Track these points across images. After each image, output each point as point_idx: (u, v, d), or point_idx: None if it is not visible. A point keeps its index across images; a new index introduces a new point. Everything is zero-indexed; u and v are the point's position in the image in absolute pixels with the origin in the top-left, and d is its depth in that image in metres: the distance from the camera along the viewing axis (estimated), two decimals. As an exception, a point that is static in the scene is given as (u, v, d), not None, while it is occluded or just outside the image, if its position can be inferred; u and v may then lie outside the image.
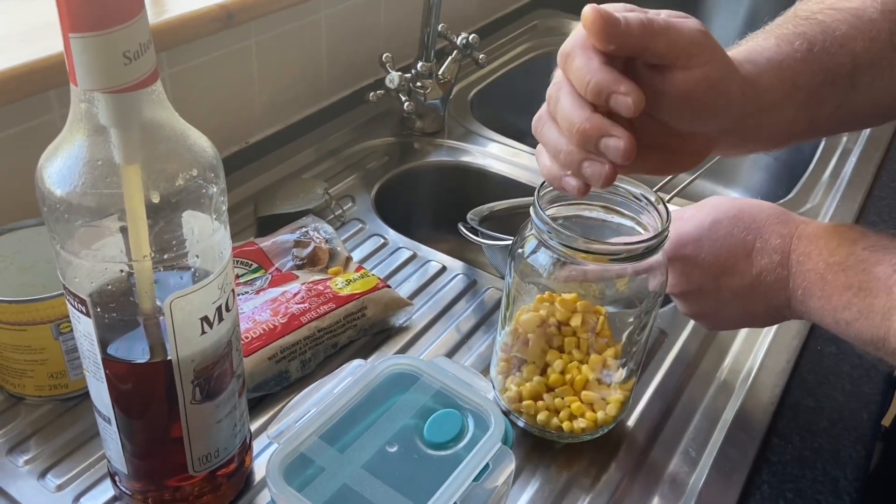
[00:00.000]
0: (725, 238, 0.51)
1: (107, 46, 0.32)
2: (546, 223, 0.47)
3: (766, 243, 0.50)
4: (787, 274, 0.49)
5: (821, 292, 0.47)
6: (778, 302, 0.50)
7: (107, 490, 0.48)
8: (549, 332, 0.51)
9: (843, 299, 0.46)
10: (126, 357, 0.40)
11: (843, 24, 0.49)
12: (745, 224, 0.51)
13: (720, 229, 0.51)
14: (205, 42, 0.74)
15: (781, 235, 0.50)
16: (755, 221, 0.51)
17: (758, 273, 0.50)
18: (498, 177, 0.86)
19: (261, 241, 0.67)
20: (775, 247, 0.49)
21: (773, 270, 0.49)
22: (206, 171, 0.37)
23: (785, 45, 0.48)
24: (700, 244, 0.52)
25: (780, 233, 0.50)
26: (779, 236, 0.50)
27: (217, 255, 0.39)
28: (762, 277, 0.50)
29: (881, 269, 0.44)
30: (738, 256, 0.51)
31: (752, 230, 0.51)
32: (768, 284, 0.50)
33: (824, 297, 0.47)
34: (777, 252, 0.49)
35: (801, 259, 0.48)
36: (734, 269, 0.51)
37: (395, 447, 0.44)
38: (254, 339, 0.55)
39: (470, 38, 0.89)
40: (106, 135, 0.34)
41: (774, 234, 0.50)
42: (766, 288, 0.50)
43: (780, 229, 0.50)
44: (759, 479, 0.52)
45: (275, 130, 0.87)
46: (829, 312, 0.47)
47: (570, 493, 0.50)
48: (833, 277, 0.46)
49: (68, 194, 0.35)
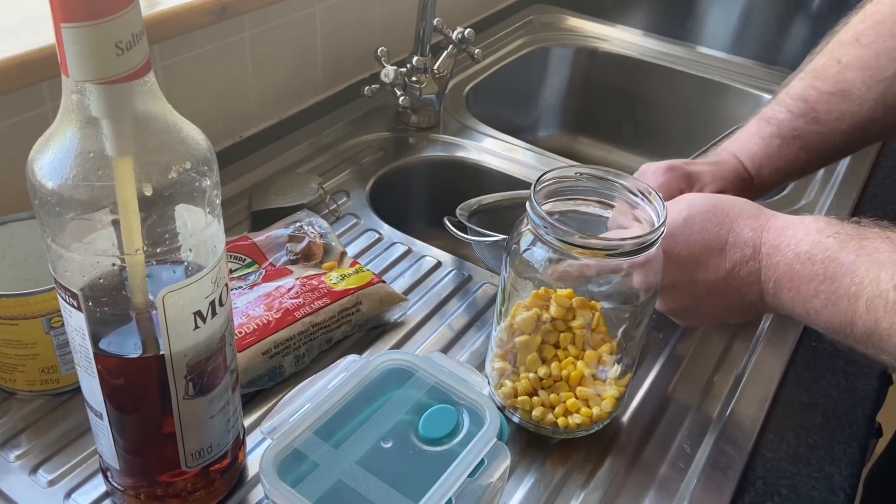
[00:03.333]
0: (699, 233, 0.51)
1: (99, 37, 0.32)
2: (542, 218, 0.47)
3: (739, 237, 0.50)
4: (758, 267, 0.49)
5: (790, 283, 0.47)
6: (752, 296, 0.50)
7: (99, 485, 0.47)
8: (545, 329, 0.51)
9: (811, 288, 0.46)
10: (118, 352, 0.39)
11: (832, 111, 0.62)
12: (718, 219, 0.51)
13: (693, 225, 0.51)
14: (198, 35, 0.74)
15: (753, 229, 0.50)
16: (728, 216, 0.51)
17: (731, 267, 0.50)
18: (493, 172, 0.85)
19: (255, 235, 0.67)
20: (747, 240, 0.50)
21: (745, 264, 0.50)
22: (199, 164, 0.37)
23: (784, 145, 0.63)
24: (674, 240, 0.52)
25: (751, 226, 0.50)
26: (750, 229, 0.50)
27: (210, 248, 0.39)
28: (735, 271, 0.50)
29: (845, 255, 0.45)
30: (712, 251, 0.51)
31: (725, 225, 0.51)
32: (741, 278, 0.50)
33: (794, 287, 0.47)
34: (749, 245, 0.50)
35: (770, 251, 0.49)
36: (708, 264, 0.51)
37: (390, 443, 0.44)
38: (247, 334, 0.55)
39: (465, 33, 0.88)
40: (98, 126, 0.34)
41: (746, 227, 0.50)
42: (740, 282, 0.50)
43: (751, 223, 0.50)
44: (754, 476, 0.52)
45: (269, 124, 0.86)
46: (799, 303, 0.47)
47: (565, 489, 0.50)
48: (801, 267, 0.46)
49: (59, 187, 0.34)
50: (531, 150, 0.88)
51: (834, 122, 0.62)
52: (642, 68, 1.12)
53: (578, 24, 1.19)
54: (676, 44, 1.15)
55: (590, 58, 1.15)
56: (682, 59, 1.11)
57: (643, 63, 1.12)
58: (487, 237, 0.65)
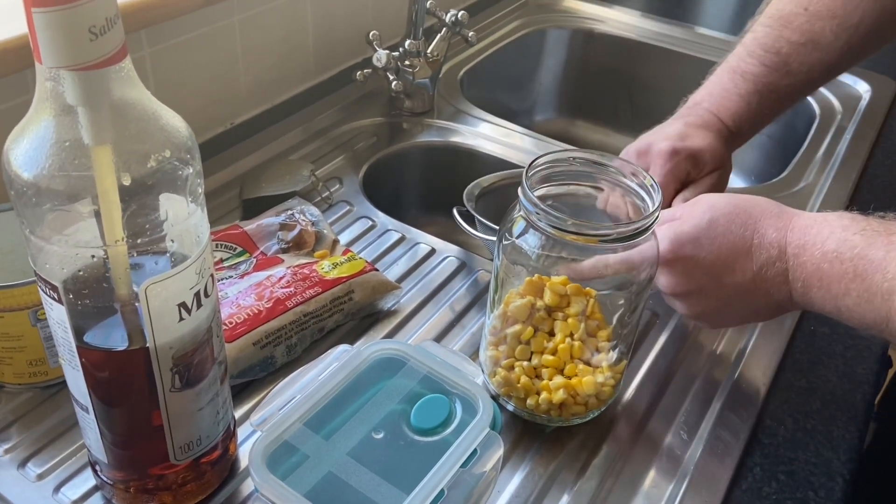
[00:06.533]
0: (724, 236, 0.51)
1: (71, 21, 0.31)
2: (534, 204, 0.46)
3: (764, 238, 0.50)
4: (785, 267, 0.49)
5: (819, 282, 0.47)
6: (780, 296, 0.50)
7: (89, 479, 0.47)
8: (539, 316, 0.50)
9: (841, 286, 0.45)
10: (101, 345, 0.38)
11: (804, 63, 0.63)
12: (742, 220, 0.51)
13: (718, 227, 0.51)
14: (186, 20, 0.72)
15: (777, 228, 0.50)
16: (751, 217, 0.51)
17: (758, 268, 0.50)
18: (489, 157, 0.84)
19: (245, 224, 0.66)
20: (772, 241, 0.49)
21: (772, 265, 0.49)
22: (180, 152, 0.36)
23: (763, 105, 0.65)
24: (699, 244, 0.51)
25: (775, 226, 0.50)
26: (774, 230, 0.50)
27: (194, 238, 0.38)
28: (763, 272, 0.49)
29: (874, 252, 0.44)
30: (739, 253, 0.50)
31: (749, 226, 0.50)
32: (769, 279, 0.49)
33: (823, 286, 0.47)
34: (774, 246, 0.49)
35: (796, 251, 0.48)
36: (735, 267, 0.50)
37: (382, 434, 0.43)
38: (238, 324, 0.54)
39: (459, 16, 0.87)
40: (74, 115, 0.33)
41: (770, 227, 0.50)
42: (768, 283, 0.50)
43: (775, 223, 0.50)
44: (752, 461, 0.52)
45: (260, 111, 0.85)
46: (830, 301, 0.47)
47: (560, 478, 0.50)
48: (829, 266, 0.46)
49: (36, 177, 0.33)
50: (527, 135, 0.87)
51: (805, 73, 0.64)
52: (640, 50, 1.10)
53: (575, 6, 1.18)
54: (675, 25, 1.13)
55: (587, 40, 1.13)
56: (681, 40, 1.10)
57: (641, 45, 1.10)
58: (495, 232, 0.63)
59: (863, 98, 0.97)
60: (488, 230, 0.64)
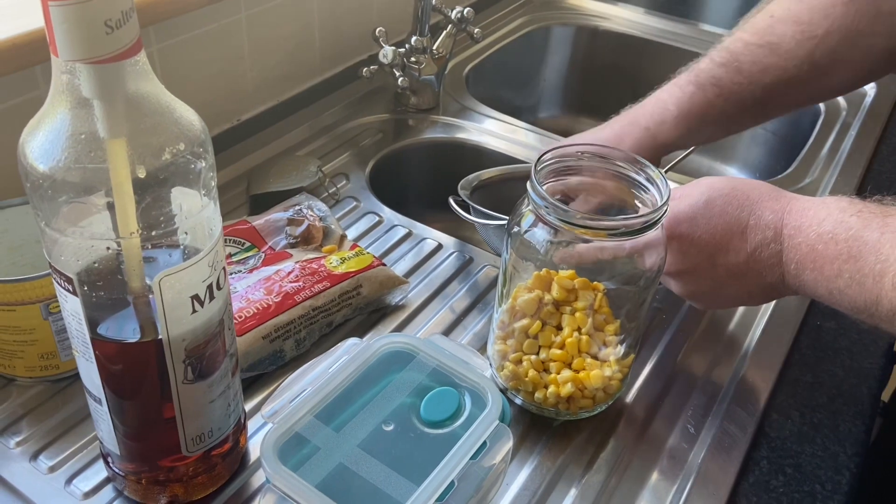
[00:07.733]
0: (720, 216, 0.51)
1: (87, 15, 0.31)
2: (543, 198, 0.46)
3: (760, 219, 0.50)
4: (780, 249, 0.49)
5: (812, 264, 0.47)
6: (773, 278, 0.50)
7: (100, 471, 0.47)
8: (547, 310, 0.50)
9: (834, 268, 0.45)
10: (115, 337, 0.39)
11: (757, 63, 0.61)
12: (739, 201, 0.51)
13: (714, 207, 0.51)
14: (194, 16, 0.73)
15: (774, 211, 0.50)
16: (748, 199, 0.51)
17: (752, 249, 0.50)
18: (494, 153, 0.85)
19: (253, 219, 0.66)
20: (768, 222, 0.49)
21: (766, 246, 0.49)
22: (193, 146, 0.36)
23: (699, 92, 0.63)
24: (695, 223, 0.51)
25: (772, 208, 0.50)
26: (771, 212, 0.50)
27: (207, 231, 0.38)
28: (757, 254, 0.49)
29: (869, 234, 0.44)
30: (734, 233, 0.50)
31: (746, 207, 0.50)
32: (763, 260, 0.49)
33: (816, 268, 0.46)
34: (770, 228, 0.49)
35: (791, 233, 0.48)
36: (729, 247, 0.50)
37: (392, 426, 0.44)
38: (247, 318, 0.54)
39: (465, 12, 0.87)
40: (89, 107, 0.33)
41: (767, 209, 0.50)
42: (761, 264, 0.50)
43: (772, 205, 0.50)
44: (759, 455, 0.52)
45: (267, 107, 0.85)
46: (822, 283, 0.46)
47: (568, 471, 0.50)
48: (823, 247, 0.46)
49: (52, 169, 0.34)
50: (532, 131, 0.87)
51: (758, 73, 0.62)
52: (644, 47, 1.10)
53: (579, 3, 1.18)
54: (679, 21, 1.13)
55: (591, 37, 1.13)
56: (685, 37, 1.10)
57: (645, 41, 1.10)
58: (491, 219, 0.64)
59: (868, 95, 0.97)
60: (482, 216, 0.65)
